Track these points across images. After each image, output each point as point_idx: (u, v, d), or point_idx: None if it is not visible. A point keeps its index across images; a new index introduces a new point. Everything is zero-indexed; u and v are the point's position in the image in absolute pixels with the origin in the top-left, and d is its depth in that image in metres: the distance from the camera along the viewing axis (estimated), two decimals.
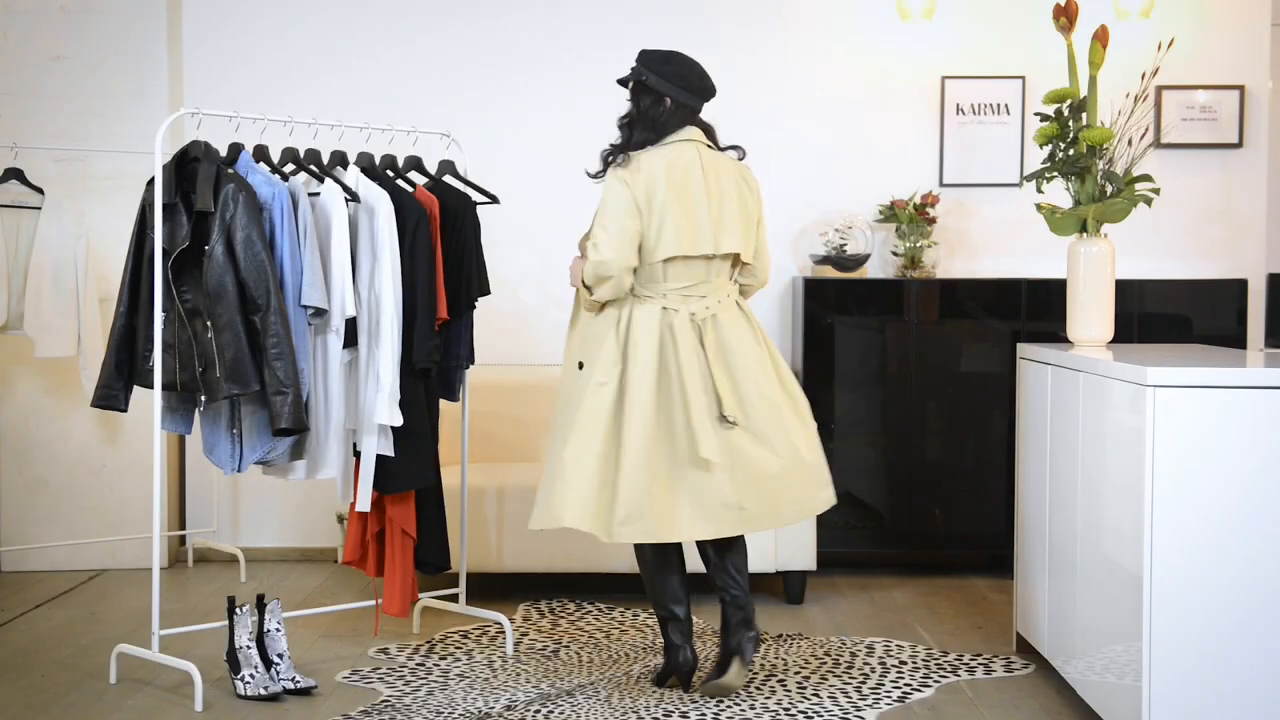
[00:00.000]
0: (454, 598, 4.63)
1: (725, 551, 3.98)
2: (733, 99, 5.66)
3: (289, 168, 4.23)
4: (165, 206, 3.94)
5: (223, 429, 4.05)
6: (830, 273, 5.56)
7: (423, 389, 4.31)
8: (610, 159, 3.91)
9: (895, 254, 5.65)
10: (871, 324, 5.51)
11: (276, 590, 5.23)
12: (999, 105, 5.76)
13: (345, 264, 4.07)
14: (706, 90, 3.96)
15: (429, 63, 5.82)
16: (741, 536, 3.98)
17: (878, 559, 5.69)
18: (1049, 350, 4.10)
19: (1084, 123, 4.13)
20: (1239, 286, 5.54)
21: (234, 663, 3.97)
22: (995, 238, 5.79)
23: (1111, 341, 4.18)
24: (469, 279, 4.39)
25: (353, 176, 4.21)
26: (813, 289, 5.51)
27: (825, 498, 3.95)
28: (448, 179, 4.54)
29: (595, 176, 3.95)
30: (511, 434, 5.48)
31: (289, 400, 3.87)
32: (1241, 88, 5.75)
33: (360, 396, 4.17)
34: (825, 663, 4.30)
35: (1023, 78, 5.75)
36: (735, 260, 3.94)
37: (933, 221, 5.62)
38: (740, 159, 4.02)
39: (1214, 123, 5.75)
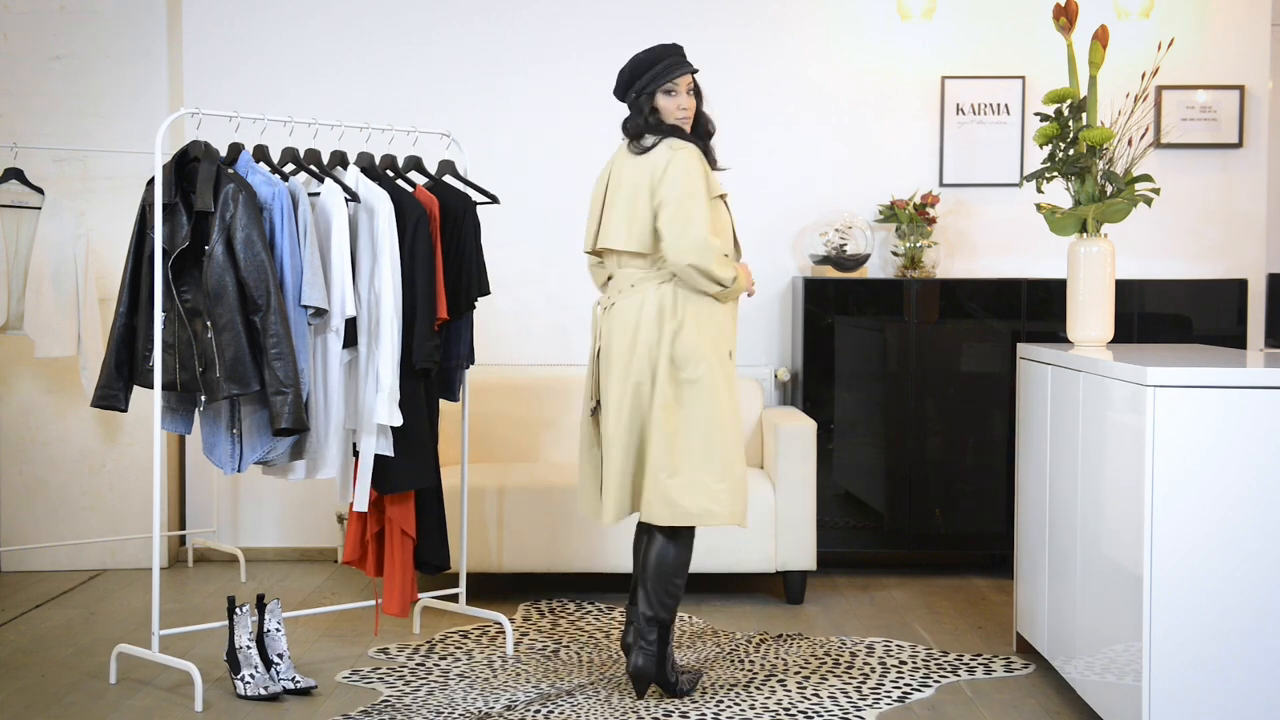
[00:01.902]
0: (454, 598, 4.63)
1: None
2: (733, 99, 5.68)
3: (289, 168, 4.23)
4: (165, 206, 3.93)
5: (223, 429, 4.04)
6: (830, 273, 5.56)
7: (422, 389, 4.30)
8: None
9: (895, 254, 5.65)
10: (871, 324, 5.51)
11: (276, 590, 5.23)
12: (999, 105, 5.76)
13: (345, 264, 4.07)
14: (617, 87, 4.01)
15: (429, 63, 5.81)
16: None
17: (878, 559, 5.70)
18: (1049, 350, 4.10)
19: (1084, 123, 4.13)
20: (1239, 286, 5.54)
21: (234, 663, 3.97)
22: (995, 238, 5.79)
23: (1111, 341, 4.18)
24: (469, 279, 4.39)
25: (353, 176, 4.21)
26: (813, 289, 5.51)
27: (599, 511, 3.92)
28: (448, 179, 4.54)
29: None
30: (511, 434, 5.47)
31: (289, 400, 3.86)
32: (1241, 88, 5.74)
33: (360, 396, 4.17)
34: (825, 663, 4.30)
35: (1023, 78, 5.74)
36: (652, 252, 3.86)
37: (933, 221, 5.62)
38: (653, 145, 3.86)
39: (1214, 123, 5.75)
